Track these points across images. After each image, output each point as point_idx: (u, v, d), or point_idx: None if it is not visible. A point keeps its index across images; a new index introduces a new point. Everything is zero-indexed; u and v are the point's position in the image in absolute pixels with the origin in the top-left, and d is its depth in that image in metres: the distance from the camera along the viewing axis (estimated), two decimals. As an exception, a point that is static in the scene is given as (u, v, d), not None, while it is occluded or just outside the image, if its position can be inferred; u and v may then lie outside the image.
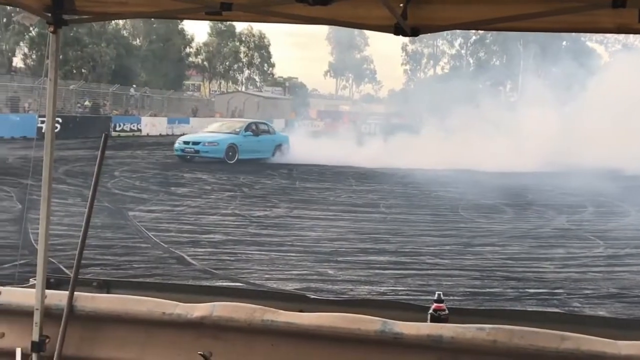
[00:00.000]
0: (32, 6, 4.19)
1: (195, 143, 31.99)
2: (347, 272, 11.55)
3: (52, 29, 4.22)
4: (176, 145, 32.71)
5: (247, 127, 33.84)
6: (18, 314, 4.39)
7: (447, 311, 4.24)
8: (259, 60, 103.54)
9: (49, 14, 4.21)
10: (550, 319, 4.38)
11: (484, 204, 21.19)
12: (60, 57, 4.43)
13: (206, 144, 31.73)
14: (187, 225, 15.38)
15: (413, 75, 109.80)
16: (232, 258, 12.25)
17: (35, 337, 4.25)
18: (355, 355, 4.03)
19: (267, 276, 11.05)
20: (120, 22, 70.15)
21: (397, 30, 3.89)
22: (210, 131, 34.42)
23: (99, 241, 12.79)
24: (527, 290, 10.86)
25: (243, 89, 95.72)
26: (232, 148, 32.05)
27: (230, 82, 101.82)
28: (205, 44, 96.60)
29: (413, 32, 3.95)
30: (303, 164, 32.18)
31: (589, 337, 3.82)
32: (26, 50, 69.24)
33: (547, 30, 3.93)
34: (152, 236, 13.81)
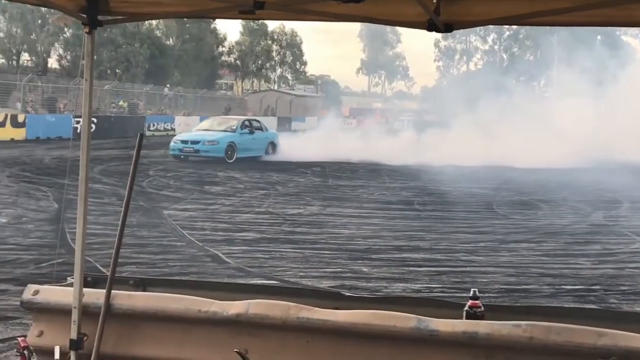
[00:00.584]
0: (68, 7, 4.23)
1: (195, 142, 30.78)
2: (381, 269, 11.55)
3: (87, 29, 4.26)
4: (172, 144, 31.18)
5: (242, 125, 32.91)
6: (56, 313, 4.43)
7: (482, 308, 4.21)
8: (291, 58, 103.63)
9: (84, 15, 4.25)
10: (587, 316, 4.35)
11: (519, 200, 21.07)
12: (95, 57, 4.47)
13: (206, 143, 30.71)
14: (222, 224, 15.44)
15: (446, 71, 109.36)
16: (266, 256, 12.29)
17: (74, 335, 4.29)
18: (390, 353, 4.03)
19: (301, 274, 11.07)
20: (154, 22, 70.57)
21: (430, 27, 3.89)
22: (204, 129, 33.27)
23: (134, 240, 12.88)
24: (563, 286, 10.78)
25: (275, 87, 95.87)
26: (231, 146, 31.25)
27: (263, 81, 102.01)
28: (237, 43, 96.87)
29: (446, 28, 3.95)
30: (335, 161, 32.09)
31: (626, 333, 3.78)
32: (61, 51, 69.89)
33: (581, 24, 3.91)
34: (186, 234, 13.89)
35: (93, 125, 22.82)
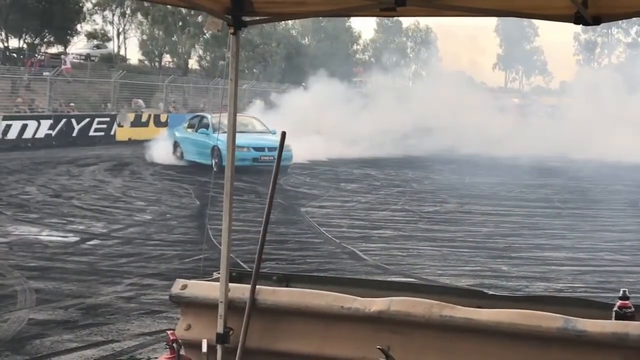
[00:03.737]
0: (213, 9, 4.33)
1: (271, 149, 23.99)
2: (521, 268, 11.34)
3: (232, 30, 4.35)
4: (244, 153, 23.49)
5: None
6: (203, 307, 4.54)
7: (633, 309, 4.07)
8: (426, 55, 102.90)
9: (230, 17, 4.34)
10: None
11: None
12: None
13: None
14: (358, 221, 15.51)
15: (586, 65, 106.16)
16: (403, 253, 12.27)
17: (220, 329, 4.39)
18: (536, 353, 3.95)
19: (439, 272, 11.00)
20: (290, 22, 71.52)
21: (578, 20, 3.78)
22: (244, 131, 24.54)
23: (273, 236, 13.09)
24: None
25: (410, 85, 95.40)
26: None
27: (398, 78, 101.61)
28: (372, 41, 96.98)
29: (594, 20, 3.82)
30: (470, 155, 31.61)
31: None
32: (201, 52, 71.69)
33: None
34: (324, 231, 14.01)
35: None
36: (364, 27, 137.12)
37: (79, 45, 63.90)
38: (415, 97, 41.75)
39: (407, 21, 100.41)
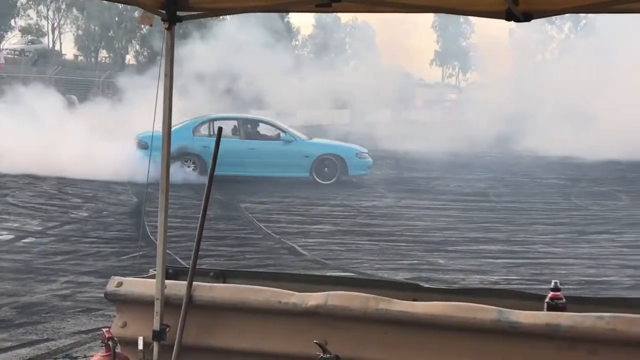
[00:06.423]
0: (147, 3, 4.30)
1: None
2: (457, 261, 11.48)
3: (166, 25, 4.33)
4: (368, 160, 21.65)
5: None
6: (139, 304, 4.52)
7: (564, 300, 4.16)
8: (364, 51, 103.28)
9: (164, 12, 4.31)
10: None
11: (597, 190, 20.69)
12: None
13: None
14: (297, 216, 15.54)
15: (521, 61, 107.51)
16: (342, 248, 12.33)
17: (156, 326, 4.37)
18: (471, 345, 4.01)
19: (377, 266, 11.08)
20: (228, 17, 71.20)
21: (509, 16, 3.84)
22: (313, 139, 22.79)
23: (212, 232, 13.03)
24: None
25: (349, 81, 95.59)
26: None
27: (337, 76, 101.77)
28: (310, 36, 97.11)
29: (525, 17, 3.89)
30: (407, 152, 31.81)
31: None
32: (138, 47, 71.04)
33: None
34: (263, 227, 14.00)
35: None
36: (303, 22, 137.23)
37: (12, 41, 62.87)
38: (353, 93, 41.85)
39: (345, 17, 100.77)
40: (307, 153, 20.91)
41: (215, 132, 20.63)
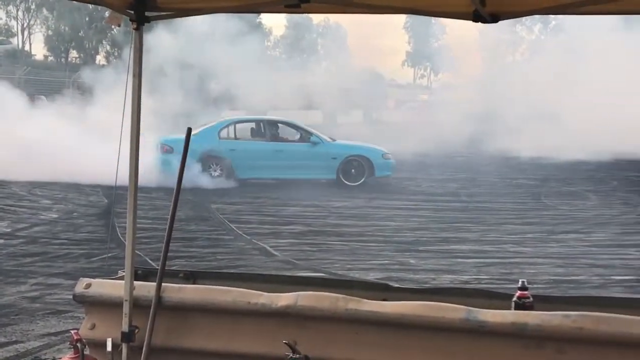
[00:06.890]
0: (115, 4, 4.29)
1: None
2: (428, 261, 11.53)
3: (135, 26, 4.31)
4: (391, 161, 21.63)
5: None
6: (108, 306, 4.51)
7: (531, 299, 4.20)
8: (336, 51, 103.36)
9: (132, 12, 4.30)
10: (637, 306, 4.30)
11: (566, 190, 20.85)
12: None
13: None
14: (268, 217, 15.53)
15: (492, 61, 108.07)
16: (313, 248, 12.33)
17: (125, 327, 4.35)
18: (440, 344, 4.04)
19: (349, 266, 11.09)
20: (198, 18, 71.01)
21: (476, 17, 3.86)
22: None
23: (183, 233, 12.99)
24: (612, 277, 10.66)
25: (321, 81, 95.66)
26: None
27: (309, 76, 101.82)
28: (282, 37, 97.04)
29: (492, 18, 3.92)
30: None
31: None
32: (108, 48, 70.60)
33: (636, 12, 3.84)
34: (234, 228, 13.98)
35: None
36: (275, 23, 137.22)
37: (-19, 41, 62.32)
38: (324, 94, 41.85)
39: (317, 17, 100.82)
40: (334, 155, 20.78)
41: (237, 134, 21.23)
